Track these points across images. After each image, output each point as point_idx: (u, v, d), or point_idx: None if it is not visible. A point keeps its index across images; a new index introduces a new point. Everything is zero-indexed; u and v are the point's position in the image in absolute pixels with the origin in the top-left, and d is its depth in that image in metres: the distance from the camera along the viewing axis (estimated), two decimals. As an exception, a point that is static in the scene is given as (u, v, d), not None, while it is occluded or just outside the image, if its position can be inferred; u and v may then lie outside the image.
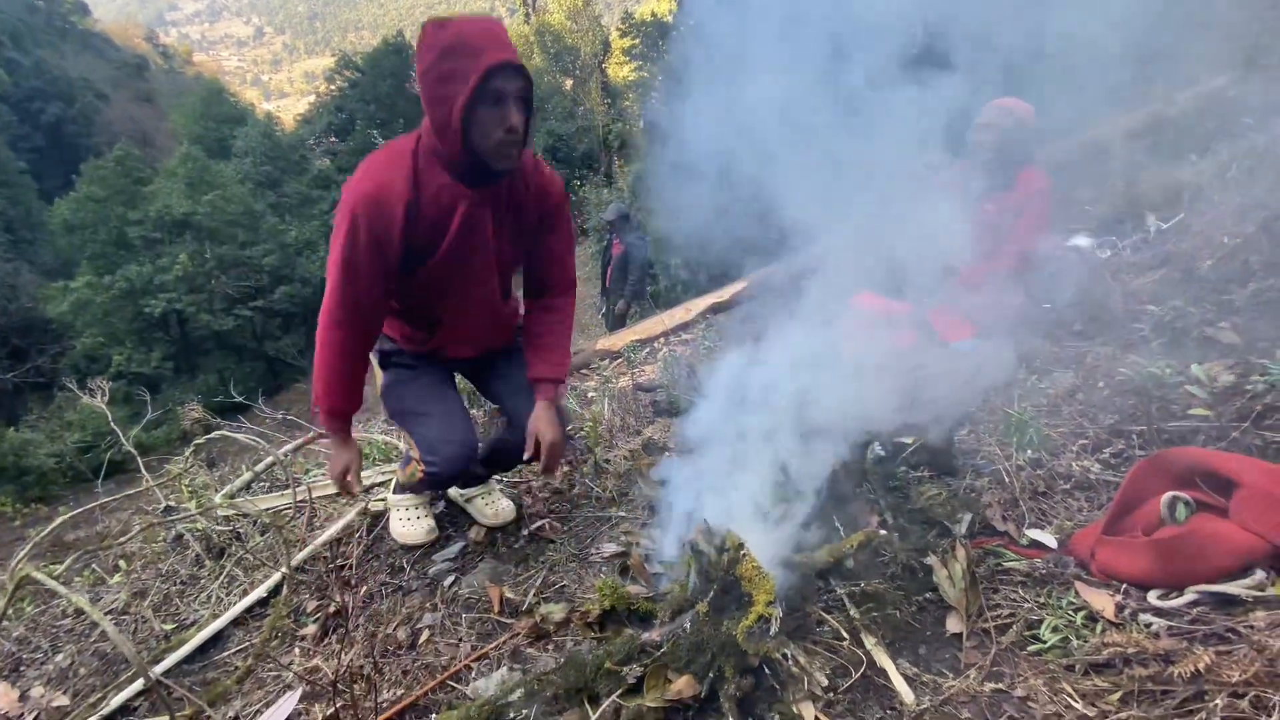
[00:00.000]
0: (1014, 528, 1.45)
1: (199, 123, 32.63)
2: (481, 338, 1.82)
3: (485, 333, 1.82)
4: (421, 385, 1.77)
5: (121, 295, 19.92)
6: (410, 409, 1.75)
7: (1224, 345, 1.79)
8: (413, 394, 1.76)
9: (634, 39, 14.90)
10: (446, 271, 1.59)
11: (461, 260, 1.58)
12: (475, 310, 1.73)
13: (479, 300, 1.71)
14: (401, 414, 1.78)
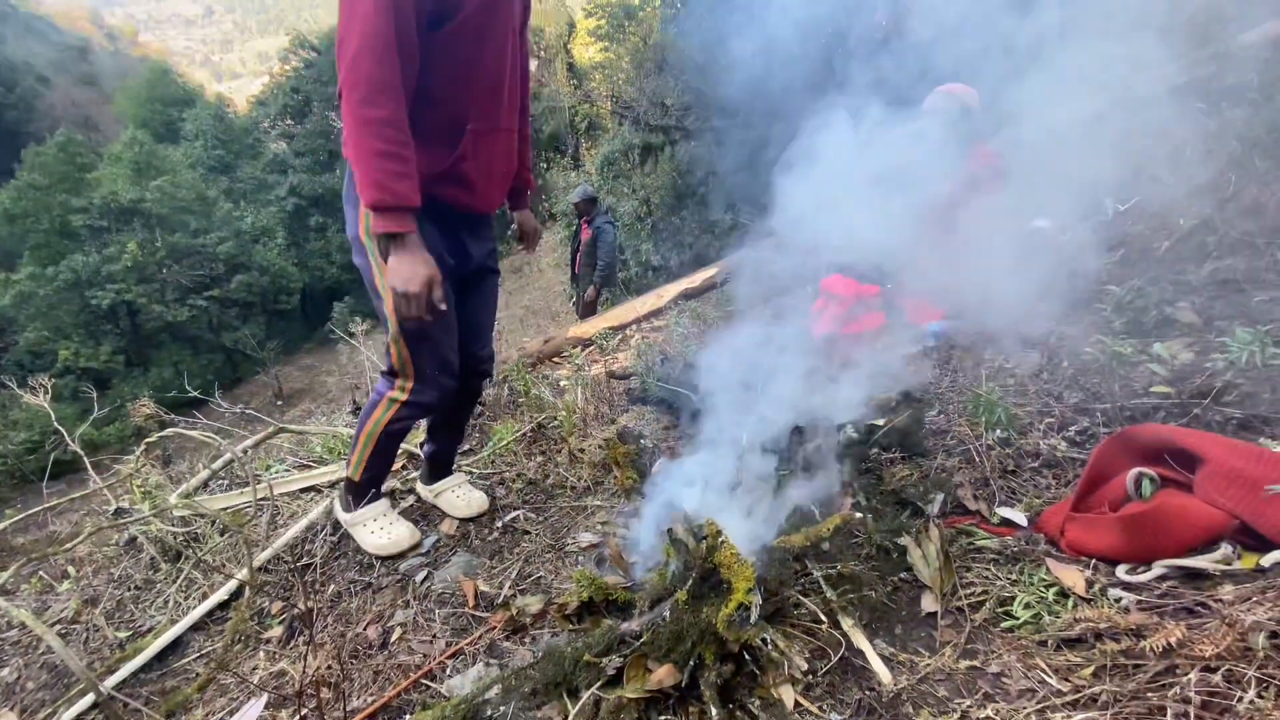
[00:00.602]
0: (985, 506, 1.47)
1: (145, 105, 31.10)
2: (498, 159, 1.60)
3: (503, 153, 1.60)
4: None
5: (67, 286, 18.96)
6: (422, 326, 1.52)
7: (1183, 324, 1.84)
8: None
9: (600, 20, 14.64)
10: (478, 30, 1.40)
11: (494, 17, 1.42)
12: (501, 99, 1.53)
13: (510, 77, 1.54)
14: (415, 332, 1.55)
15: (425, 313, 1.40)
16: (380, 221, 1.34)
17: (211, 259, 21.18)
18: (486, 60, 1.45)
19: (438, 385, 1.63)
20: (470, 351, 1.78)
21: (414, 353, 1.58)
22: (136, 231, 19.93)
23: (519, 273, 18.21)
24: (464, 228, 1.63)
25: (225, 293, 21.33)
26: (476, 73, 1.45)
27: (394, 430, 1.68)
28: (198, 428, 2.40)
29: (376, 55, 1.26)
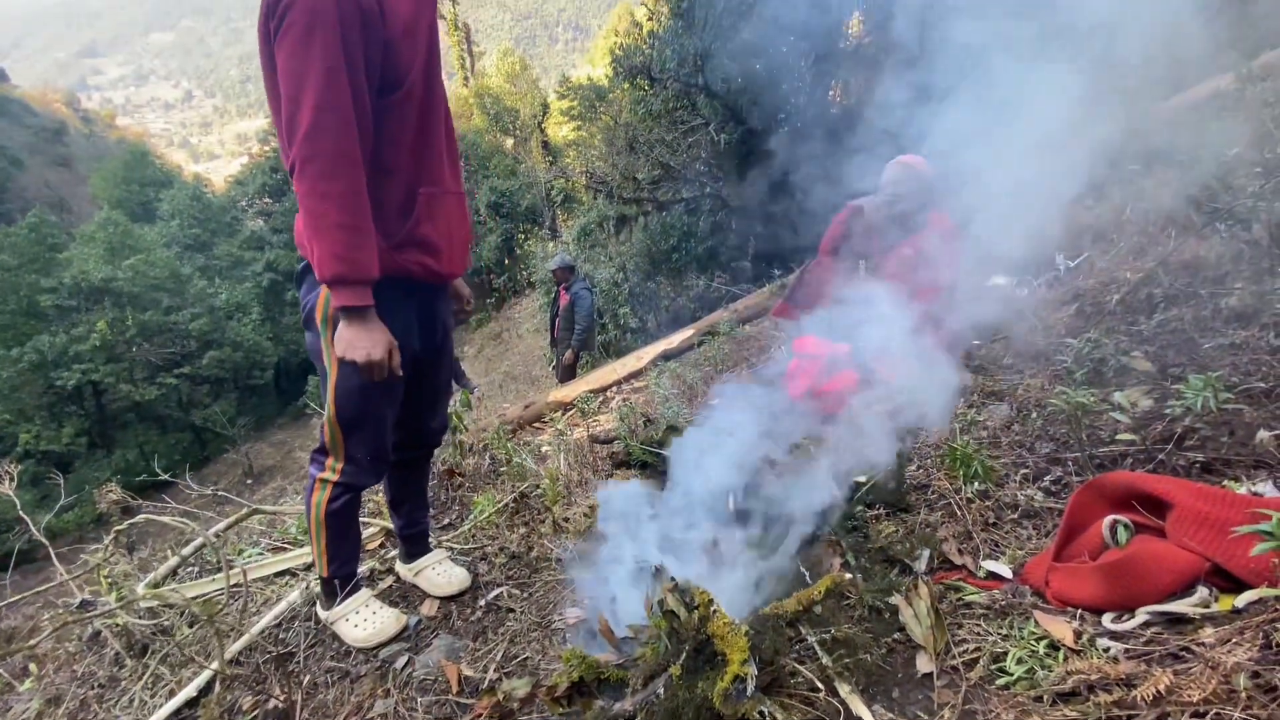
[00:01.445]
0: (971, 560, 1.49)
1: (121, 186, 31.34)
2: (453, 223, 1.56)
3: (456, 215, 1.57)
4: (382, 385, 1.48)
5: (31, 368, 18.39)
6: (362, 415, 1.52)
7: (1139, 373, 1.93)
8: (370, 398, 1.51)
9: (572, 100, 15.43)
10: (423, 95, 1.40)
11: (433, 74, 1.43)
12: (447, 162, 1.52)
13: (446, 142, 1.53)
14: (351, 420, 1.52)
15: (383, 374, 1.39)
16: (342, 295, 1.31)
17: (184, 336, 20.85)
18: (432, 124, 1.46)
19: (367, 470, 1.60)
20: (416, 424, 1.77)
21: (347, 437, 1.55)
22: (107, 310, 19.62)
23: (498, 339, 18.28)
24: (435, 297, 1.63)
25: (196, 369, 20.87)
26: (425, 137, 1.45)
27: (335, 510, 1.61)
28: (166, 512, 2.32)
29: (332, 126, 1.23)
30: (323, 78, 1.20)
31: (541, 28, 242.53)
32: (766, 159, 8.07)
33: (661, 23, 9.00)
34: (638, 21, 10.24)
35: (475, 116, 23.18)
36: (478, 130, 22.56)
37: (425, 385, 1.72)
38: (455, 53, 26.00)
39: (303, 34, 1.19)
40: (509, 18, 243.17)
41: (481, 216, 19.68)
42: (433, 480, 2.74)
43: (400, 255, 1.43)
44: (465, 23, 26.81)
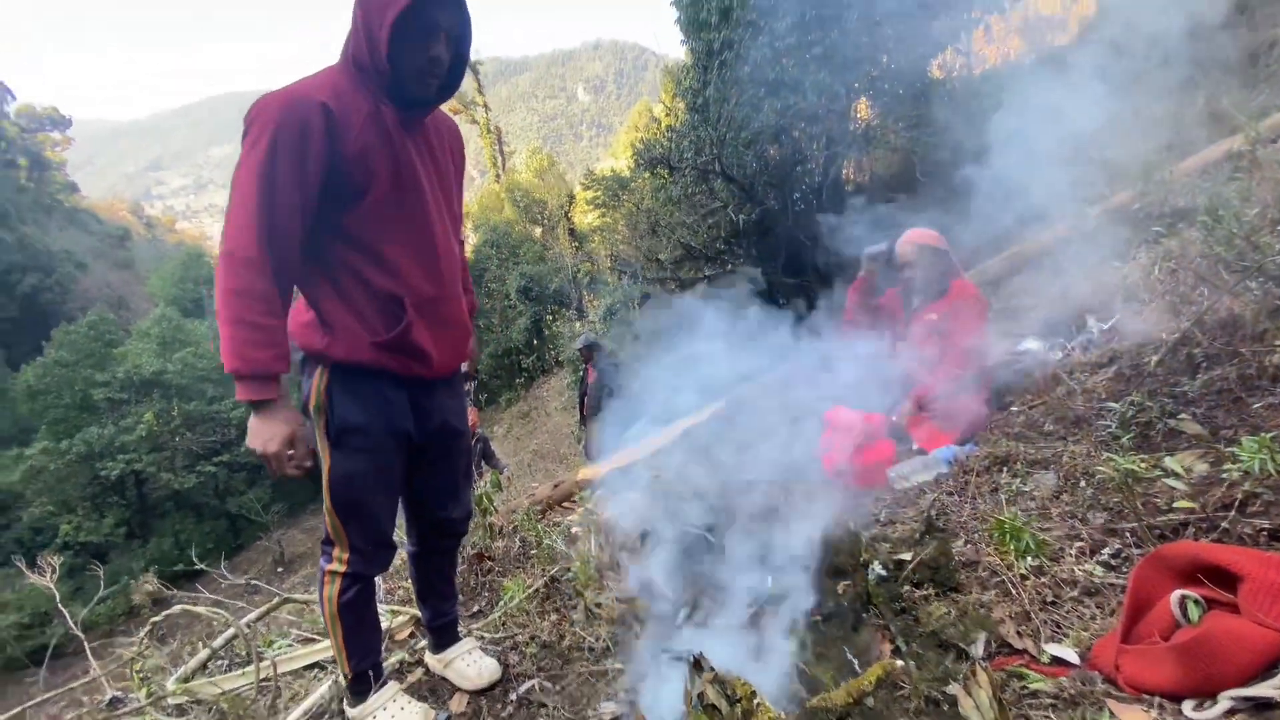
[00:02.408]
0: (1032, 643, 1.39)
1: (176, 285, 33.56)
2: (447, 327, 1.60)
3: (450, 319, 1.61)
4: (375, 470, 1.55)
5: (78, 460, 19.05)
6: (357, 502, 1.54)
7: (1189, 436, 1.85)
8: (364, 484, 1.53)
9: (596, 190, 16.31)
10: (396, 202, 1.46)
11: (406, 189, 1.47)
12: (434, 273, 1.54)
13: (442, 250, 1.55)
14: (347, 506, 1.54)
15: (289, 469, 1.39)
16: (241, 389, 1.34)
17: (225, 424, 21.49)
18: (415, 235, 1.51)
19: (371, 558, 1.59)
20: (436, 515, 1.77)
21: (345, 524, 1.55)
22: (155, 401, 20.43)
23: (527, 417, 18.39)
24: (419, 391, 1.61)
25: (235, 456, 21.34)
26: (406, 248, 1.49)
27: (348, 602, 1.59)
28: (200, 602, 2.32)
29: (242, 228, 1.29)
30: (247, 184, 1.29)
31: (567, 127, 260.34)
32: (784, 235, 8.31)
33: (679, 117, 9.61)
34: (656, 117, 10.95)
35: (506, 209, 24.52)
36: (509, 221, 23.80)
37: (437, 473, 1.74)
38: (488, 153, 27.94)
39: (249, 143, 1.31)
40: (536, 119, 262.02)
41: (511, 300, 20.37)
42: (462, 565, 2.70)
43: (384, 356, 1.49)
44: (497, 126, 28.95)
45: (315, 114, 1.32)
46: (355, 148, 1.38)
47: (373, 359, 1.48)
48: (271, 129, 1.29)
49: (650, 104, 27.67)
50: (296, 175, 1.32)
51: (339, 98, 1.37)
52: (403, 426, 1.57)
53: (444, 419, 1.68)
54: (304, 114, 1.31)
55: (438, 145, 1.61)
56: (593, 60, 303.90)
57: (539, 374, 20.35)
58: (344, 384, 1.50)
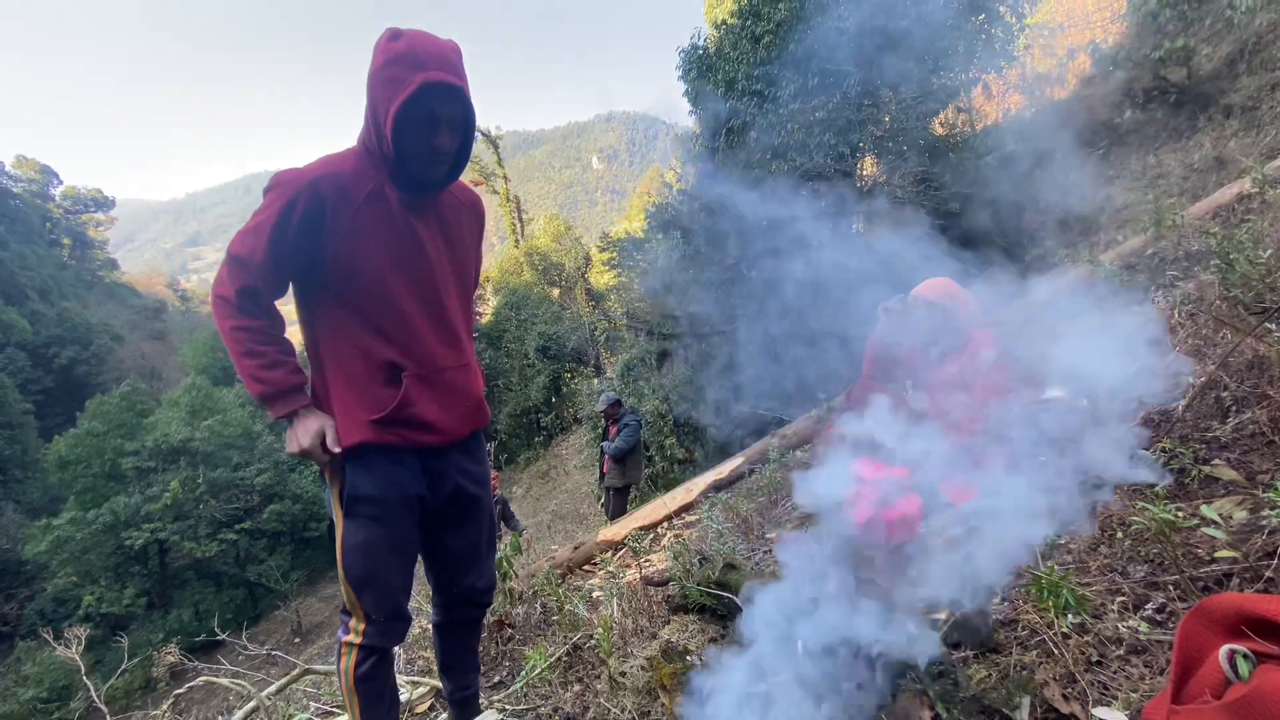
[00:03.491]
0: (1079, 708, 1.32)
1: (208, 354, 34.60)
2: (453, 394, 1.63)
3: (457, 387, 1.64)
4: (386, 541, 1.55)
5: (103, 530, 19.19)
6: (370, 573, 1.55)
7: (1225, 482, 1.80)
8: (376, 554, 1.55)
9: (611, 252, 16.79)
10: (393, 279, 1.51)
11: (404, 266, 1.53)
12: (439, 343, 1.59)
13: (440, 327, 1.60)
14: (361, 577, 1.55)
15: (324, 458, 1.49)
16: (270, 409, 1.48)
17: (248, 491, 21.62)
18: (418, 304, 1.56)
19: (386, 630, 1.58)
20: (460, 584, 1.75)
21: (360, 596, 1.56)
22: (181, 469, 20.70)
23: (546, 477, 18.25)
24: (432, 457, 1.63)
25: (257, 523, 21.36)
26: (407, 328, 1.54)
27: (364, 675, 1.58)
28: (221, 674, 2.30)
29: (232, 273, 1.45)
30: (246, 235, 1.45)
31: (583, 193, 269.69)
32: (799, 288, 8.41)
33: (689, 182, 9.95)
34: (668, 182, 11.35)
35: (525, 272, 25.22)
36: (527, 284, 24.43)
37: (457, 541, 1.73)
38: (508, 221, 29.04)
39: (268, 198, 1.45)
40: (553, 188, 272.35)
41: (530, 359, 20.63)
42: (482, 634, 2.65)
43: (388, 430, 1.53)
44: (516, 195, 30.16)
45: (306, 192, 1.43)
46: (347, 224, 1.47)
47: (373, 436, 1.51)
48: (305, 192, 1.43)
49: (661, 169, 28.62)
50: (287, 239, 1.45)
51: (342, 176, 1.48)
52: (414, 492, 1.58)
53: (458, 484, 1.67)
54: (299, 190, 1.43)
55: (452, 220, 1.66)
56: (606, 131, 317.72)
57: (558, 432, 20.35)
58: (355, 456, 1.53)
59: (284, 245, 1.45)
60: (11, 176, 46.51)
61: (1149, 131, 7.94)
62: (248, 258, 1.45)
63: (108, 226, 58.17)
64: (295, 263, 1.49)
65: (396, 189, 1.52)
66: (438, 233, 1.61)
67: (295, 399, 1.50)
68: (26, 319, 34.59)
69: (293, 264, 1.49)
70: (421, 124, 1.46)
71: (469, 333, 1.74)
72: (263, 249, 1.45)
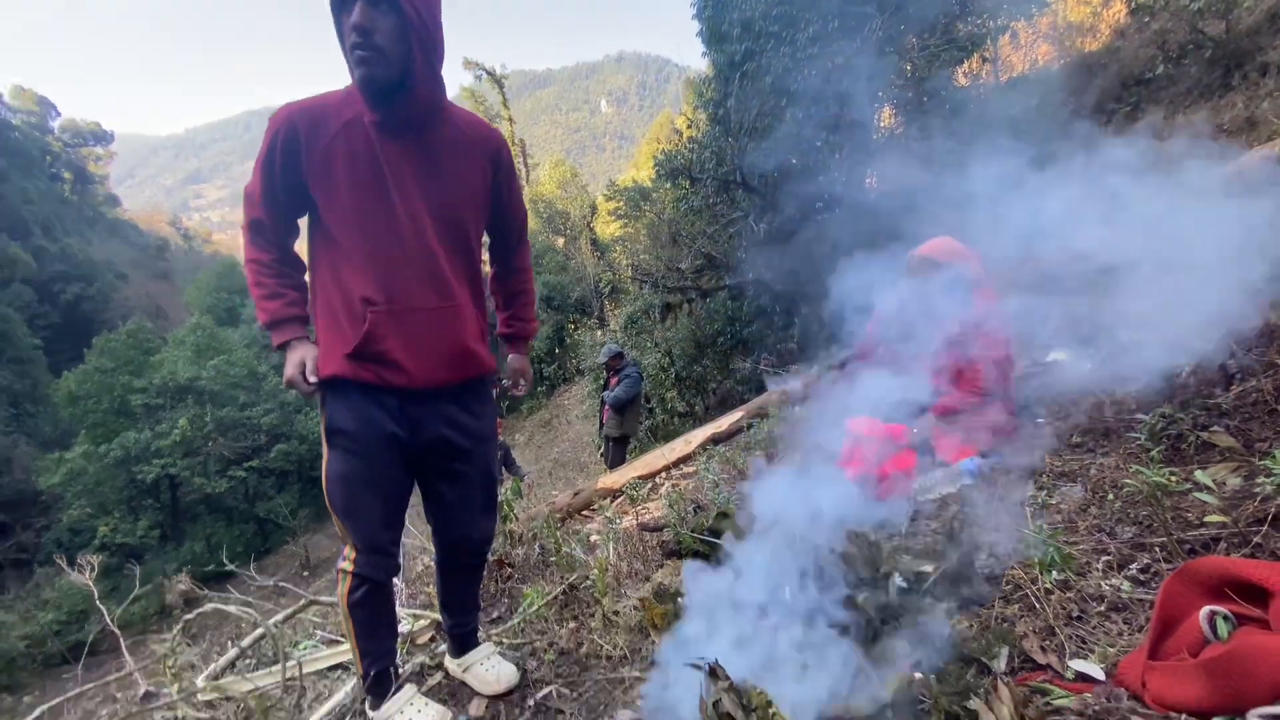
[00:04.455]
0: (1056, 659, 1.36)
1: (212, 294, 34.65)
2: (430, 337, 1.56)
3: (436, 330, 1.57)
4: (363, 475, 1.56)
5: (115, 463, 19.70)
6: (349, 504, 1.57)
7: (1222, 449, 1.80)
8: (354, 487, 1.57)
9: (618, 201, 16.46)
10: (363, 212, 1.48)
11: (374, 198, 1.49)
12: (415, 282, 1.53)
13: (419, 265, 1.54)
14: (341, 507, 1.58)
15: (305, 387, 1.55)
16: (272, 338, 1.59)
17: (255, 430, 22.04)
18: (389, 246, 1.51)
19: (371, 562, 1.61)
20: (452, 535, 1.77)
21: (344, 525, 1.60)
22: (189, 407, 21.06)
23: (548, 426, 18.51)
24: (410, 401, 1.59)
25: (264, 462, 21.86)
26: (377, 258, 1.50)
27: (356, 603, 1.62)
28: (230, 602, 2.38)
29: (246, 209, 1.55)
30: (252, 171, 1.54)
31: (590, 139, 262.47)
32: (806, 245, 8.28)
33: (700, 128, 9.66)
34: (678, 128, 11.03)
35: (530, 220, 24.88)
36: (532, 232, 24.13)
37: (447, 492, 1.72)
38: (513, 165, 28.39)
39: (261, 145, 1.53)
40: (560, 132, 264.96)
41: (534, 309, 20.57)
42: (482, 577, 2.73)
43: (361, 366, 1.52)
44: (521, 139, 29.41)
45: (283, 125, 1.48)
46: (318, 156, 1.48)
47: (348, 370, 1.52)
48: (283, 127, 1.48)
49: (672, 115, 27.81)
50: (274, 173, 1.51)
51: (323, 108, 1.49)
52: (390, 431, 1.56)
53: (442, 434, 1.63)
54: (279, 125, 1.49)
55: (443, 154, 1.57)
56: (616, 73, 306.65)
57: (560, 382, 20.50)
58: (334, 388, 1.56)
59: (272, 179, 1.51)
60: (9, 108, 45.42)
61: (1180, 88, 7.62)
62: (251, 192, 1.54)
63: (107, 161, 57.21)
64: (288, 197, 1.53)
65: (375, 118, 1.47)
66: (416, 166, 1.53)
67: (289, 330, 1.57)
68: (30, 254, 34.48)
69: (286, 198, 1.54)
70: (344, 17, 1.41)
71: (463, 276, 1.64)
72: (258, 184, 1.52)
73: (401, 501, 1.67)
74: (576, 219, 23.71)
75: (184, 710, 1.77)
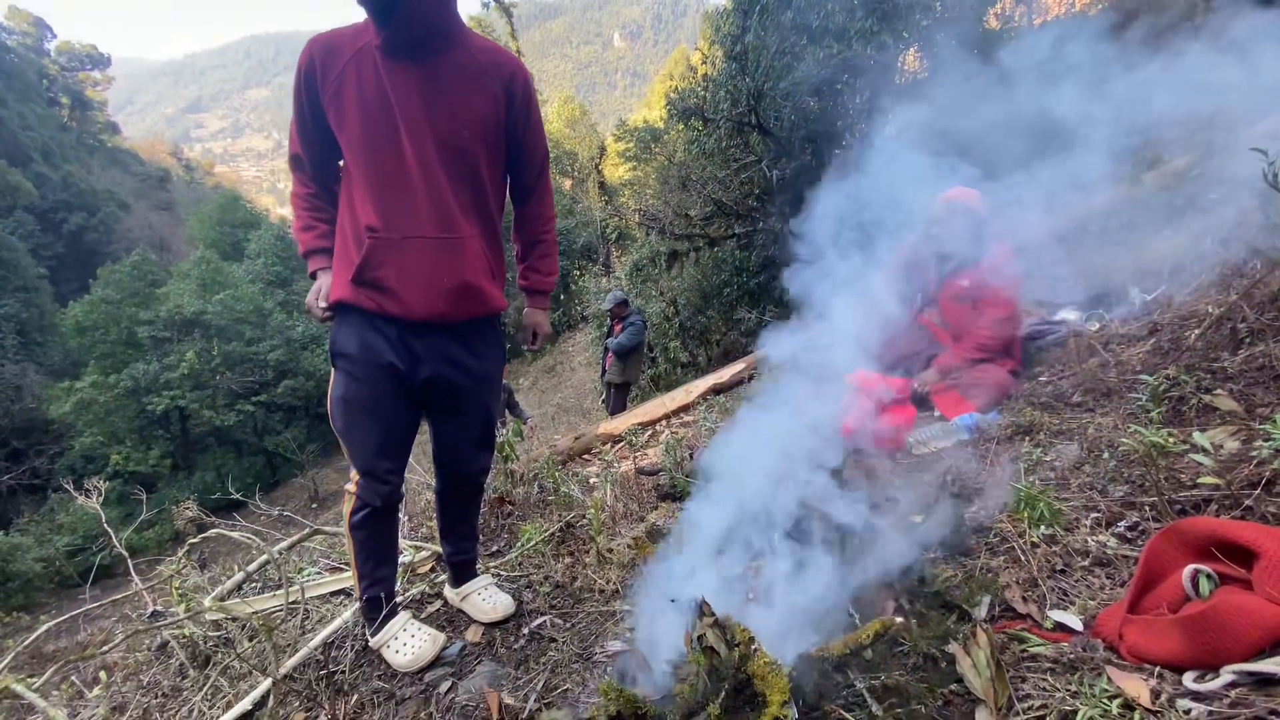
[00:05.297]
0: (1036, 609, 1.39)
1: (215, 228, 34.26)
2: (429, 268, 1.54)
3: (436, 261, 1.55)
4: (361, 401, 1.60)
5: (125, 394, 20.05)
6: (348, 426, 1.63)
7: (1224, 412, 1.79)
8: (352, 410, 1.61)
9: (628, 143, 15.95)
10: (368, 139, 1.50)
11: (377, 125, 1.49)
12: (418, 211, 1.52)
13: (421, 194, 1.51)
14: (341, 428, 1.64)
15: (317, 314, 1.65)
16: (309, 265, 1.69)
17: (262, 365, 22.28)
18: (391, 175, 1.50)
19: (369, 487, 1.66)
20: (449, 465, 1.82)
21: (346, 448, 1.68)
22: (196, 341, 21.24)
23: (552, 372, 18.63)
24: (408, 332, 1.59)
25: (272, 397, 22.20)
26: (381, 186, 1.51)
27: (357, 524, 1.69)
28: (237, 529, 2.45)
29: (294, 137, 1.63)
30: (294, 98, 1.59)
31: (601, 75, 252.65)
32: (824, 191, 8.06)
33: (716, 66, 9.24)
34: (693, 66, 10.54)
35: (538, 160, 24.23)
36: (537, 173, 23.55)
37: (447, 426, 1.76)
38: (519, 100, 27.43)
39: None
40: (570, 67, 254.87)
41: (538, 254, 20.30)
42: (483, 508, 2.79)
43: (361, 292, 1.56)
44: (530, 72, 28.29)
45: (304, 58, 1.53)
46: (332, 85, 1.51)
47: (351, 296, 1.57)
48: (303, 61, 1.55)
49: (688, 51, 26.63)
50: (304, 107, 1.58)
51: (339, 38, 1.52)
52: (387, 360, 1.58)
53: (439, 371, 1.63)
54: (302, 59, 1.54)
55: (452, 81, 1.52)
56: (631, 4, 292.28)
57: (565, 329, 20.49)
58: (341, 312, 1.63)
59: (304, 114, 1.57)
60: (4, 29, 43.80)
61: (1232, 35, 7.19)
62: (291, 127, 1.62)
63: (105, 87, 55.53)
64: (319, 133, 1.59)
65: (380, 40, 1.48)
66: (422, 90, 1.50)
67: (317, 260, 1.68)
68: (31, 182, 33.99)
69: (318, 134, 1.59)
70: None
71: (470, 208, 1.60)
72: (294, 118, 1.60)
73: (401, 432, 1.68)
74: (584, 160, 23.09)
75: (191, 629, 1.84)
